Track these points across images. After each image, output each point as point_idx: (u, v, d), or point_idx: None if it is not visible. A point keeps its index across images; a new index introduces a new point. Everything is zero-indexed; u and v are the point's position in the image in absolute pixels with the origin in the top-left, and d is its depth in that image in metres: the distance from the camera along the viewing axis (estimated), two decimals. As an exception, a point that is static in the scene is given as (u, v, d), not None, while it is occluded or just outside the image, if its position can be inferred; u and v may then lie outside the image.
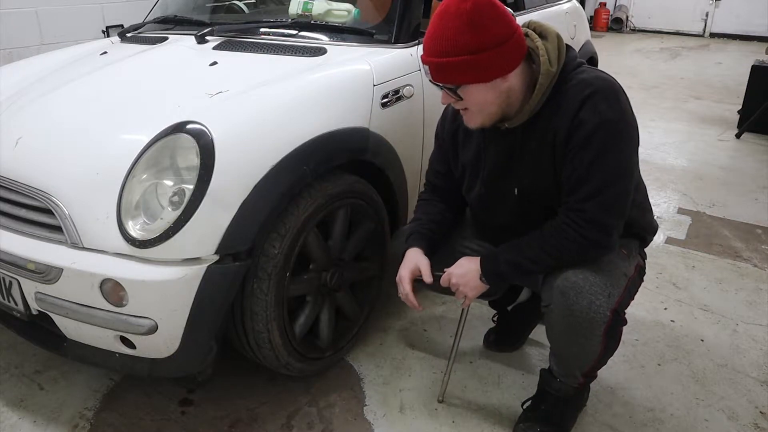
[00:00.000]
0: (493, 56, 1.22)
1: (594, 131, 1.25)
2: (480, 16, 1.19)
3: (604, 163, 1.26)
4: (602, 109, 1.25)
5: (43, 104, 1.69)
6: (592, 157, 1.26)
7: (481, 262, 1.40)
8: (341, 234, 1.71)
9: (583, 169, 1.27)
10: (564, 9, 3.23)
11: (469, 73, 1.24)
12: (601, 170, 1.26)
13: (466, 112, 1.33)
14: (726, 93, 5.62)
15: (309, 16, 2.00)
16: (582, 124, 1.26)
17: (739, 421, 1.62)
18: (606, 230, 1.29)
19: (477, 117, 1.33)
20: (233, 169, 1.36)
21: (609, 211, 1.29)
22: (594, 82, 1.28)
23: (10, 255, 1.43)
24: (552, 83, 1.29)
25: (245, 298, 1.47)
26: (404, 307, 2.13)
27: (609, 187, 1.27)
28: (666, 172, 3.54)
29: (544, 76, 1.28)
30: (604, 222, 1.28)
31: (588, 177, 1.27)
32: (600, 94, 1.26)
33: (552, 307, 1.34)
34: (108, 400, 1.69)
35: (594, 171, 1.26)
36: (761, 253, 2.56)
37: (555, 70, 1.29)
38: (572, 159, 1.29)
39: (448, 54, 1.22)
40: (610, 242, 1.31)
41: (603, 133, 1.25)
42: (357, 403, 1.69)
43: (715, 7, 9.29)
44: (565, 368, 1.47)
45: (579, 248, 1.30)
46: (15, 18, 3.69)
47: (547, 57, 1.28)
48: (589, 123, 1.25)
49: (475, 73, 1.24)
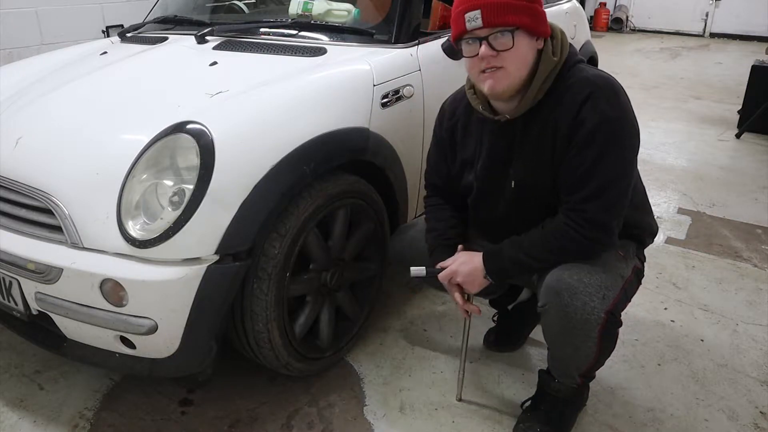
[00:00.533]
0: (542, 12, 1.28)
1: (595, 130, 1.26)
2: None
3: (605, 162, 1.27)
4: (603, 108, 1.26)
5: (43, 104, 1.69)
6: (593, 156, 1.27)
7: (484, 258, 1.41)
8: (341, 234, 1.71)
9: (584, 168, 1.28)
10: (564, 9, 3.23)
11: (529, 17, 1.26)
12: (602, 170, 1.27)
13: (497, 71, 1.28)
14: (726, 93, 5.62)
15: (309, 16, 2.00)
16: (583, 123, 1.27)
17: (739, 421, 1.62)
18: (607, 230, 1.31)
19: (507, 78, 1.29)
20: (233, 169, 1.36)
21: (610, 211, 1.30)
22: (595, 81, 1.29)
23: (10, 255, 1.42)
24: (553, 74, 1.31)
25: (245, 298, 1.47)
26: (404, 306, 2.14)
27: (610, 187, 1.28)
28: (666, 172, 3.53)
29: (545, 63, 1.29)
30: (605, 222, 1.30)
31: (589, 177, 1.27)
32: (601, 93, 1.27)
33: (547, 308, 1.34)
34: (108, 400, 1.69)
35: (595, 171, 1.27)
36: (761, 253, 2.56)
37: (557, 61, 1.31)
38: (573, 158, 1.29)
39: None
40: (611, 241, 1.33)
41: (604, 133, 1.26)
42: (357, 403, 1.69)
43: (715, 7, 9.29)
44: (562, 369, 1.47)
45: (581, 248, 1.31)
46: (15, 18, 3.69)
47: (551, 48, 1.31)
48: (590, 122, 1.26)
49: (533, 18, 1.26)
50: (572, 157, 1.29)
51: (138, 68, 1.87)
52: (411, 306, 2.15)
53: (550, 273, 1.34)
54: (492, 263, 1.40)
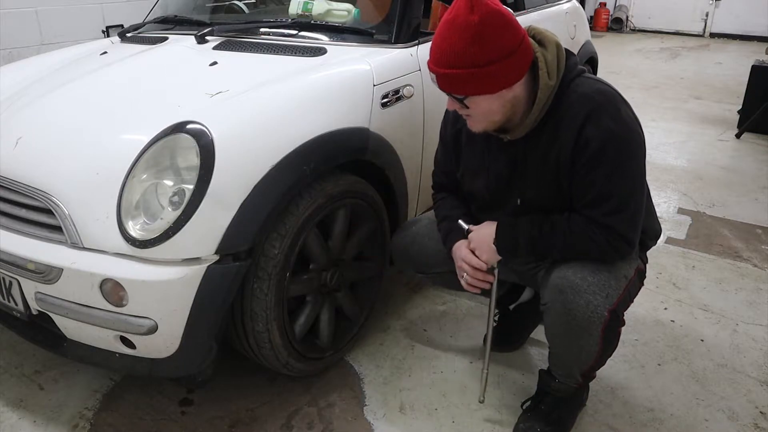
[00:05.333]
0: (500, 68, 1.22)
1: (602, 148, 1.26)
2: (487, 28, 1.18)
3: (621, 177, 1.28)
4: (606, 124, 1.26)
5: (43, 104, 1.69)
6: (607, 172, 1.27)
7: (498, 227, 1.41)
8: (341, 234, 1.71)
9: (600, 186, 1.28)
10: (564, 9, 3.23)
11: (476, 85, 1.24)
12: (620, 183, 1.28)
13: (470, 117, 1.34)
14: (726, 93, 5.62)
15: (309, 16, 2.01)
16: (588, 142, 1.27)
17: (739, 421, 1.62)
18: (632, 243, 1.34)
19: (480, 123, 1.33)
20: (233, 169, 1.36)
21: (634, 223, 1.32)
22: (595, 97, 1.28)
23: (10, 255, 1.42)
24: (551, 96, 1.30)
25: (245, 298, 1.47)
26: (404, 306, 2.14)
27: (631, 200, 1.30)
28: (666, 172, 3.54)
29: (543, 90, 1.28)
30: (632, 236, 1.32)
31: (608, 193, 1.29)
32: (602, 110, 1.27)
33: (550, 305, 1.35)
34: (108, 400, 1.69)
35: (613, 187, 1.28)
36: (761, 253, 2.56)
37: (554, 83, 1.29)
38: (585, 176, 1.29)
39: (456, 66, 1.22)
40: (633, 251, 1.36)
41: (612, 149, 1.26)
42: (357, 403, 1.69)
43: (715, 7, 9.29)
44: (563, 368, 1.47)
45: (603, 254, 1.33)
46: (15, 18, 3.69)
47: (546, 70, 1.28)
48: (596, 140, 1.26)
49: (481, 85, 1.24)
50: (585, 176, 1.29)
51: (138, 68, 1.87)
52: (411, 306, 2.15)
53: (554, 271, 1.34)
54: (505, 234, 1.40)
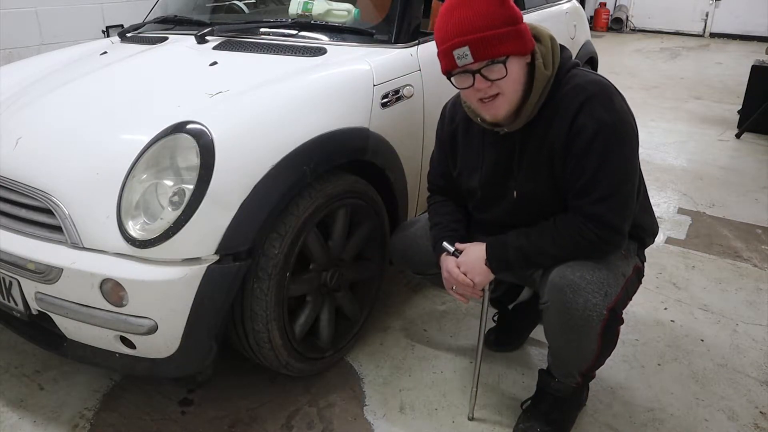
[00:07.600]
0: (525, 29, 1.26)
1: (594, 137, 1.27)
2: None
3: (611, 165, 1.28)
4: (599, 114, 1.27)
5: (43, 104, 1.69)
6: (597, 161, 1.27)
7: (488, 247, 1.41)
8: (341, 234, 1.71)
9: (590, 174, 1.28)
10: (564, 9, 3.23)
11: (514, 43, 1.24)
12: (610, 173, 1.28)
13: (496, 99, 1.29)
14: (726, 93, 5.62)
15: (309, 16, 2.00)
16: (581, 131, 1.28)
17: (739, 421, 1.62)
18: (620, 231, 1.32)
19: (506, 103, 1.29)
20: (233, 169, 1.36)
21: (622, 213, 1.31)
22: (588, 87, 1.29)
23: (10, 255, 1.42)
24: (548, 87, 1.30)
25: (245, 298, 1.47)
26: (404, 306, 2.14)
27: (620, 189, 1.30)
28: (666, 172, 3.53)
29: (539, 80, 1.29)
30: (620, 225, 1.31)
31: (598, 181, 1.28)
32: (595, 99, 1.28)
33: (549, 304, 1.35)
34: (108, 400, 1.69)
35: (603, 175, 1.28)
36: (761, 253, 2.56)
37: (550, 74, 1.30)
38: (576, 165, 1.30)
39: (491, 27, 1.21)
40: (623, 242, 1.35)
41: (603, 138, 1.27)
42: (357, 403, 1.69)
43: (715, 7, 9.28)
44: (562, 368, 1.47)
45: (593, 247, 1.32)
46: (15, 18, 3.69)
47: (542, 61, 1.30)
48: (588, 129, 1.27)
49: (520, 42, 1.25)
50: (576, 165, 1.30)
51: (138, 68, 1.87)
52: (411, 306, 2.15)
53: (553, 270, 1.34)
54: (495, 251, 1.40)
